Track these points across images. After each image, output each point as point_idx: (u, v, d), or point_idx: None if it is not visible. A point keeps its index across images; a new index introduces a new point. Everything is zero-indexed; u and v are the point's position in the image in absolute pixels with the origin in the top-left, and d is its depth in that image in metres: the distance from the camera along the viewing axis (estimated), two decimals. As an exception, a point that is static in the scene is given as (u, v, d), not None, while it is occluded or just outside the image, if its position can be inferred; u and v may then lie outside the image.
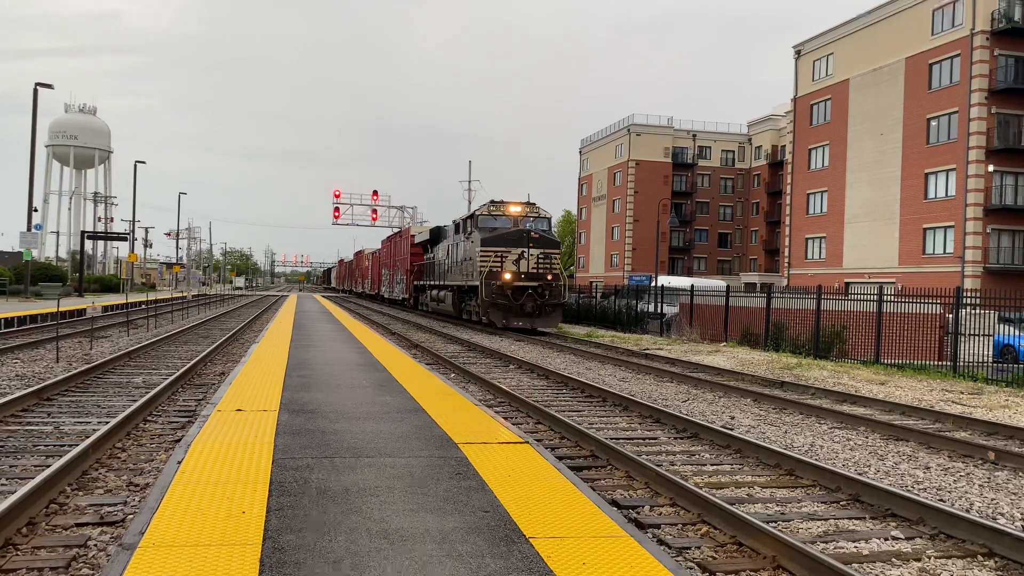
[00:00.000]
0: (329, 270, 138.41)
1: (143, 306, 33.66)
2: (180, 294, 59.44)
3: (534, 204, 28.03)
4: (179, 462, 6.00)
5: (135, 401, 10.36)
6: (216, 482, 5.45)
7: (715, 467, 7.79)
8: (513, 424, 9.28)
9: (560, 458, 7.57)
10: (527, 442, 7.10)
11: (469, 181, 63.09)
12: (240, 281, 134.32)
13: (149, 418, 9.43)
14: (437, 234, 36.33)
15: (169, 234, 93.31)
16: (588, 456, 8.01)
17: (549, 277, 26.43)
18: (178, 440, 8.02)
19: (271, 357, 13.98)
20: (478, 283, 26.46)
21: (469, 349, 20.60)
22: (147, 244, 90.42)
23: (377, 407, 8.77)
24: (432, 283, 36.30)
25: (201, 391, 11.81)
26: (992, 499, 6.90)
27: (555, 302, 26.65)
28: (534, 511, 4.99)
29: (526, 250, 26.28)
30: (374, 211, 68.13)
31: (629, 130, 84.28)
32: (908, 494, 6.39)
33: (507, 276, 25.86)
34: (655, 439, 9.16)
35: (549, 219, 28.36)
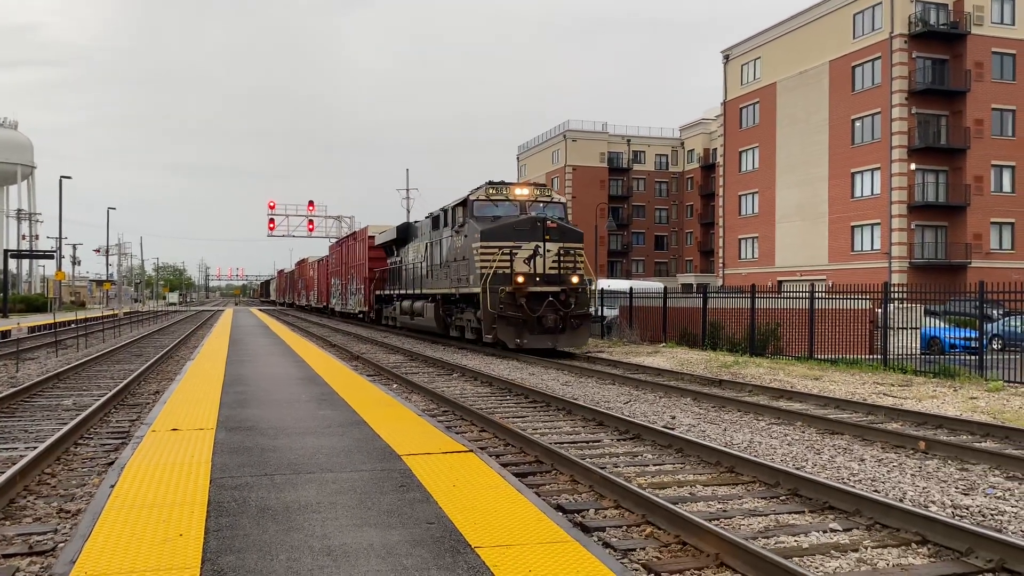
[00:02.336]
0: (268, 282, 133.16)
1: (72, 325, 32.68)
2: (111, 312, 57.80)
3: (544, 186, 22.52)
4: (112, 486, 5.81)
5: (65, 424, 10.02)
6: (151, 505, 5.30)
7: (658, 467, 7.87)
8: (457, 433, 9.25)
9: (505, 465, 7.55)
10: (471, 451, 7.08)
11: (407, 189, 62.78)
12: (174, 297, 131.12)
13: (80, 441, 9.12)
14: (406, 233, 30.69)
15: (98, 251, 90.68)
16: (533, 462, 8.01)
17: (574, 280, 20.41)
18: (111, 463, 7.77)
19: (207, 374, 13.67)
20: (478, 290, 20.34)
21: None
22: (75, 261, 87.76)
23: (317, 421, 8.64)
24: (401, 292, 29.92)
25: (135, 411, 11.47)
26: (924, 488, 7.11)
27: (582, 312, 20.58)
28: (480, 520, 4.96)
29: (541, 245, 20.22)
30: (310, 222, 67.33)
31: (565, 136, 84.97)
32: (844, 487, 6.54)
33: (520, 279, 19.83)
34: (599, 442, 9.22)
35: (564, 204, 22.53)
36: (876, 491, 6.92)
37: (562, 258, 20.54)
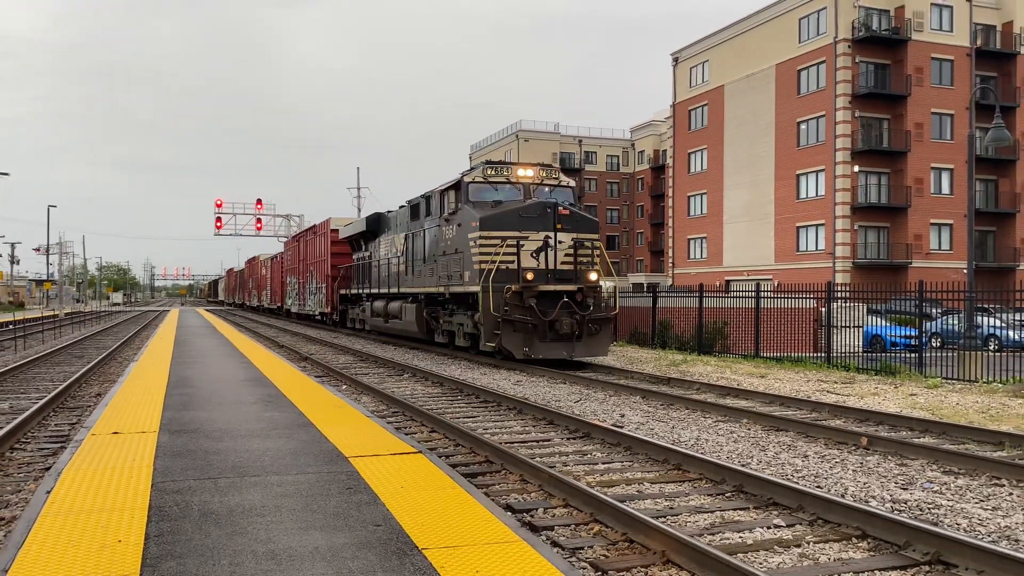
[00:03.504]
0: (216, 281, 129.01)
1: (10, 326, 31.70)
2: (52, 312, 56.25)
3: (551, 166, 19.24)
4: (48, 491, 5.65)
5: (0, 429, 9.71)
6: (90, 510, 5.16)
7: (607, 465, 7.92)
8: (406, 434, 9.20)
9: (454, 466, 7.53)
10: (420, 452, 7.04)
11: (358, 188, 62.35)
12: (118, 297, 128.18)
13: (17, 446, 8.86)
14: (376, 225, 27.10)
15: (39, 249, 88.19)
16: (483, 462, 8.00)
17: (592, 277, 17.46)
18: (48, 468, 7.55)
19: (151, 376, 13.39)
20: (475, 288, 17.34)
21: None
22: (14, 260, 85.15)
23: (264, 424, 8.51)
24: (372, 291, 26.63)
25: (75, 414, 11.18)
26: (864, 483, 7.27)
27: (602, 316, 17.52)
28: (427, 521, 4.94)
29: (552, 235, 17.15)
30: (258, 220, 66.41)
31: (517, 136, 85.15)
32: (788, 483, 6.66)
33: (530, 276, 16.84)
34: (549, 440, 9.24)
35: (573, 189, 19.28)
36: (819, 487, 7.05)
37: (577, 251, 17.51)
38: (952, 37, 47.51)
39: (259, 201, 66.61)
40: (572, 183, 19.42)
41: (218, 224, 65.18)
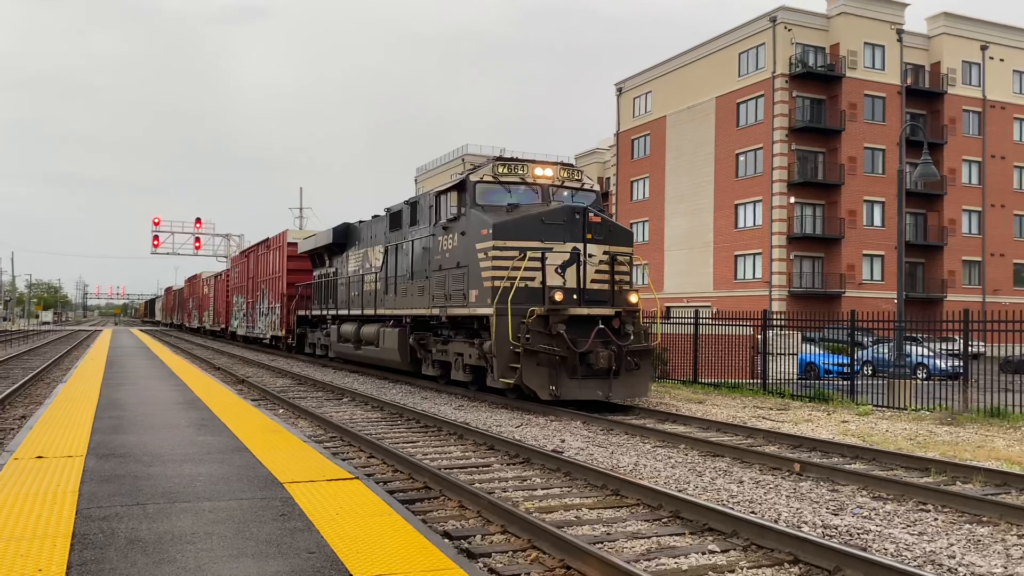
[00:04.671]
0: (153, 301, 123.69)
1: (-70, 345, 30.45)
2: (-25, 331, 54.18)
3: (572, 166, 16.26)
4: (-35, 519, 5.41)
5: (-84, 452, 9.29)
6: (8, 538, 4.97)
7: (545, 491, 7.92)
8: (344, 460, 9.08)
9: (392, 492, 7.45)
10: (357, 478, 6.95)
11: (300, 208, 61.63)
12: (48, 315, 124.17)
13: (-68, 471, 8.48)
14: (344, 236, 23.91)
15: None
16: (422, 488, 7.93)
17: (632, 300, 14.74)
18: (-34, 494, 7.25)
19: (79, 397, 12.97)
20: (486, 311, 14.31)
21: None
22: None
23: (197, 448, 8.31)
24: (339, 312, 23.48)
25: (-3, 438, 10.76)
26: (797, 508, 7.40)
27: (643, 348, 14.64)
28: (362, 549, 4.87)
29: (581, 247, 14.36)
30: (197, 239, 65.24)
31: (463, 160, 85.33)
32: (723, 508, 6.74)
33: (558, 296, 13.96)
34: (488, 466, 9.21)
35: (598, 194, 16.44)
36: (753, 512, 7.16)
37: (617, 269, 14.74)
38: (884, 75, 49.28)
39: (198, 220, 65.49)
40: (596, 187, 16.51)
41: (155, 243, 63.87)
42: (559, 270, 14.28)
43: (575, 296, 14.31)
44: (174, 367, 21.01)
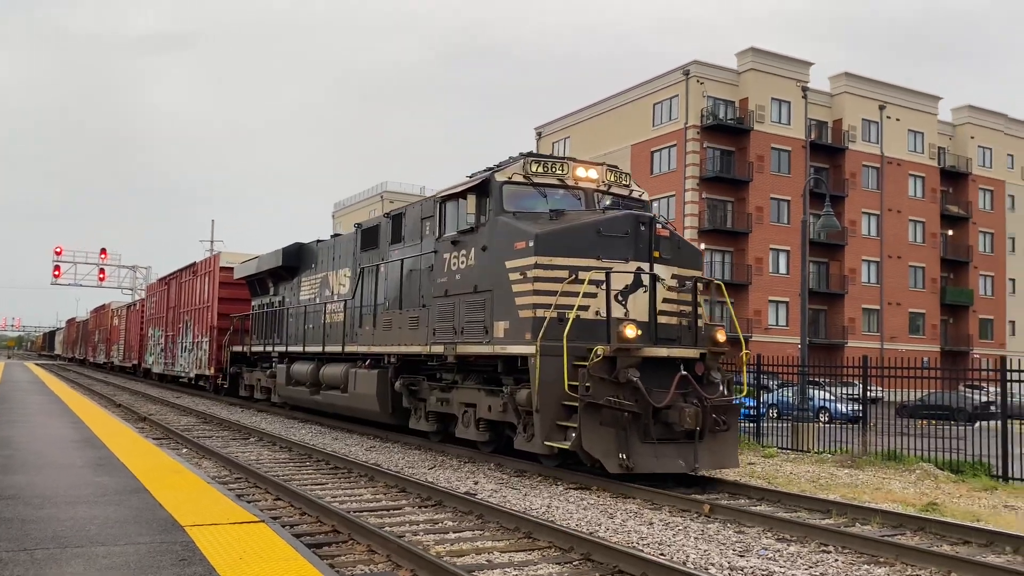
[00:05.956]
0: (52, 333, 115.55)
1: None
2: None
3: (616, 167, 13.22)
4: None
5: None
6: None
7: (458, 534, 7.84)
8: (249, 502, 8.80)
9: (299, 535, 7.25)
10: (263, 520, 6.74)
11: (211, 240, 60.15)
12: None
13: None
14: (296, 259, 20.64)
15: None
16: (330, 531, 7.74)
17: (719, 338, 11.38)
18: None
19: (-35, 436, 12.23)
20: (524, 349, 11.07)
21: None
22: None
23: (92, 489, 7.93)
24: (289, 349, 19.97)
25: None
26: (705, 550, 7.51)
27: (727, 402, 11.28)
28: (266, 595, 4.71)
29: (647, 267, 11.28)
30: (102, 270, 62.95)
31: (383, 196, 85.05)
32: (633, 551, 6.80)
33: (629, 332, 10.42)
34: (400, 509, 9.07)
35: (647, 203, 13.36)
36: (663, 554, 7.23)
37: (695, 295, 11.91)
38: (790, 130, 51.58)
39: (103, 250, 63.31)
40: (646, 194, 13.52)
41: (56, 273, 61.35)
42: (619, 297, 11.06)
43: (649, 331, 11.10)
44: (72, 404, 20.06)
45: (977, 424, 15.76)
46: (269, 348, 21.61)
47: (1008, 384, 13.33)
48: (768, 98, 51.23)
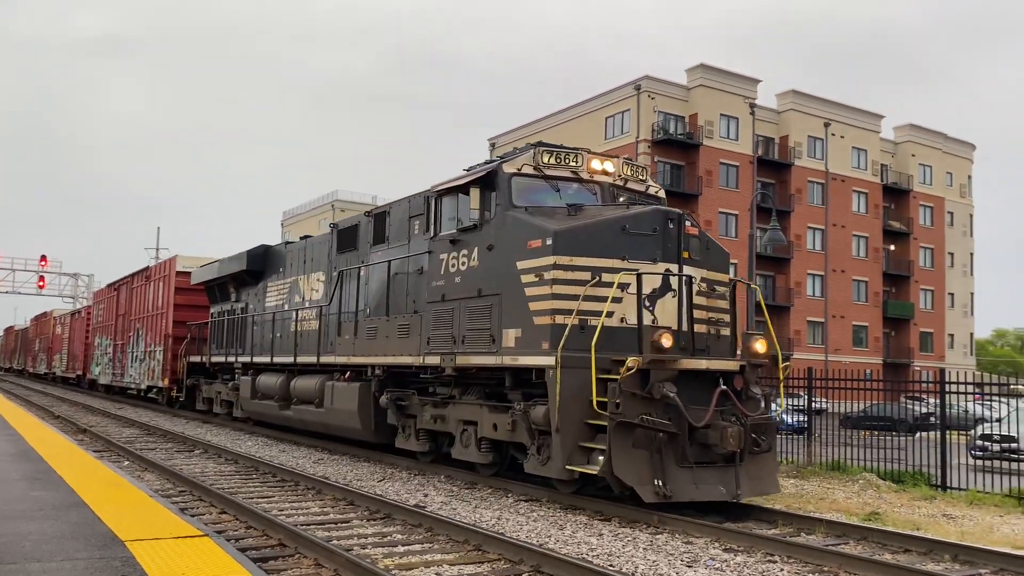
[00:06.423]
0: None
1: None
2: None
3: (630, 160, 12.44)
4: None
5: None
6: None
7: (406, 547, 7.77)
8: (193, 515, 8.62)
9: (244, 550, 7.11)
10: (207, 535, 6.59)
11: (157, 249, 58.95)
12: None
13: None
14: (262, 262, 19.44)
15: None
16: (276, 545, 7.62)
17: (759, 349, 10.47)
18: None
19: None
20: (541, 360, 9.97)
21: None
22: None
23: (28, 504, 7.68)
24: (256, 360, 18.65)
25: None
26: (654, 560, 7.56)
27: (767, 420, 10.36)
28: (209, 611, 4.60)
29: (676, 268, 10.30)
30: (41, 278, 61.29)
31: (333, 205, 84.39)
32: (583, 562, 6.81)
33: (665, 340, 9.38)
34: (348, 522, 8.96)
35: (664, 202, 12.26)
36: (612, 565, 7.25)
37: (732, 299, 11.25)
38: (738, 145, 52.51)
39: (43, 257, 61.74)
40: (662, 192, 12.71)
41: (-8, 280, 59.44)
42: (646, 302, 10.02)
43: (682, 340, 10.08)
44: (7, 415, 19.44)
45: (917, 435, 16.13)
46: (232, 358, 20.23)
47: (947, 396, 13.69)
48: (717, 114, 52.10)
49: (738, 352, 10.78)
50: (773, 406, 10.32)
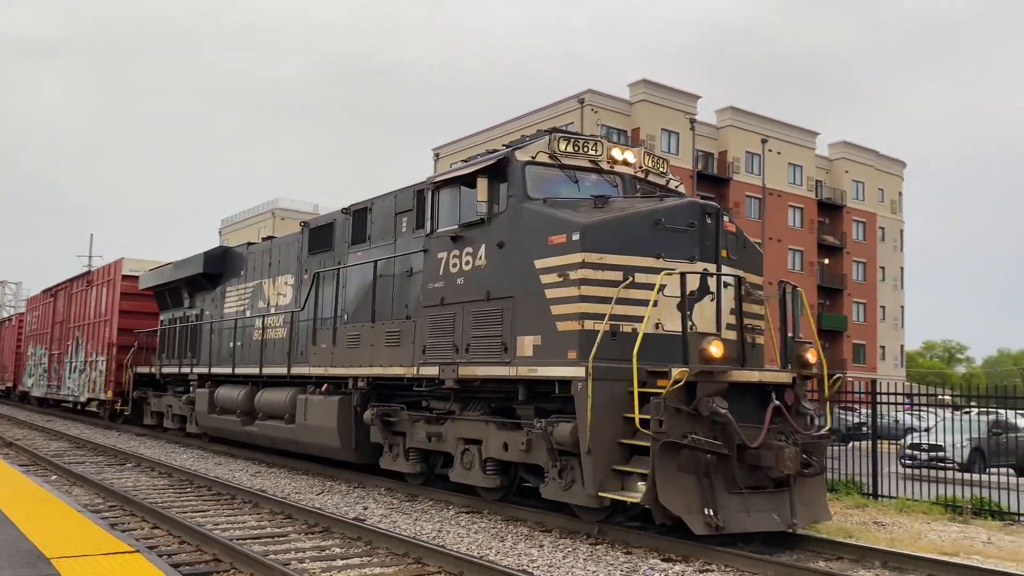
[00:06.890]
0: None
1: None
2: None
3: (651, 153, 11.22)
4: None
5: None
6: None
7: (345, 561, 7.67)
8: (124, 531, 8.40)
9: (177, 565, 6.95)
10: (138, 551, 6.42)
11: (90, 257, 57.37)
12: None
13: None
14: (220, 265, 18.08)
15: None
16: (211, 560, 7.46)
17: (810, 358, 9.37)
18: None
19: None
20: (573, 372, 8.64)
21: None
22: None
23: (-52, 521, 7.38)
24: (214, 371, 17.32)
25: None
26: (594, 571, 7.60)
27: (820, 438, 9.18)
28: (139, 630, 4.48)
29: (713, 268, 9.26)
30: (-35, 286, 58.90)
31: (273, 213, 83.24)
32: (522, 573, 6.81)
33: (718, 350, 8.42)
34: (285, 536, 8.81)
35: (686, 195, 11.08)
36: (551, 575, 7.27)
37: (786, 304, 9.99)
38: (679, 159, 53.32)
39: (-32, 264, 59.23)
40: (683, 186, 11.61)
41: (-88, 287, 57.01)
42: (686, 305, 8.94)
43: (733, 349, 9.14)
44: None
45: (850, 444, 16.54)
46: (186, 369, 18.69)
47: (878, 406, 14.07)
48: (658, 128, 52.89)
49: (788, 363, 9.64)
50: (817, 422, 9.32)
